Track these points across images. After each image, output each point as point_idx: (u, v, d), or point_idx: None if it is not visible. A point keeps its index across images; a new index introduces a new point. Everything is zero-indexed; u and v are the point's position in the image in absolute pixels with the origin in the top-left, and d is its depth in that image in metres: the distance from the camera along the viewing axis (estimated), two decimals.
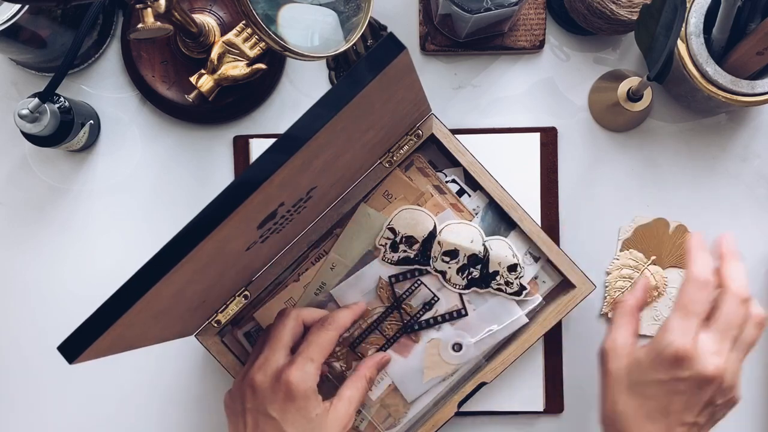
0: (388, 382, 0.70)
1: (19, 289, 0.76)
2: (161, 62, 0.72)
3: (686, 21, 0.65)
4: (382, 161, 0.69)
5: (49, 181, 0.76)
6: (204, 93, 0.69)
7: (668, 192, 0.74)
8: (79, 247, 0.75)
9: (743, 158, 0.74)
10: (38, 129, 0.66)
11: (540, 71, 0.75)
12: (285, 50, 0.58)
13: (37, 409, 0.75)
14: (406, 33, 0.74)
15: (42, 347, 0.74)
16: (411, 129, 0.68)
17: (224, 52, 0.69)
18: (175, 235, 0.44)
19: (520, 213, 0.68)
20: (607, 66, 0.75)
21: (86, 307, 0.47)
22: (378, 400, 0.70)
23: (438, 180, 0.70)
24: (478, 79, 0.75)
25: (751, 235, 0.74)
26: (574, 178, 0.74)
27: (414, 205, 0.70)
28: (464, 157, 0.69)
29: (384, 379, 0.70)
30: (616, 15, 0.66)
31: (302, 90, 0.75)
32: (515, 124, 0.74)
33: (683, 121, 0.75)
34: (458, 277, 0.69)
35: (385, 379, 0.70)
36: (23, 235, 0.76)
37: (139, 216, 0.75)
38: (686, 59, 0.65)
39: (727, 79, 0.65)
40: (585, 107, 0.75)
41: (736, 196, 0.74)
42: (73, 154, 0.75)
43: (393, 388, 0.70)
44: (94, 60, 0.75)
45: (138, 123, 0.75)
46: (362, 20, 0.61)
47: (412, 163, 0.70)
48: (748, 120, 0.75)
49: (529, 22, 0.73)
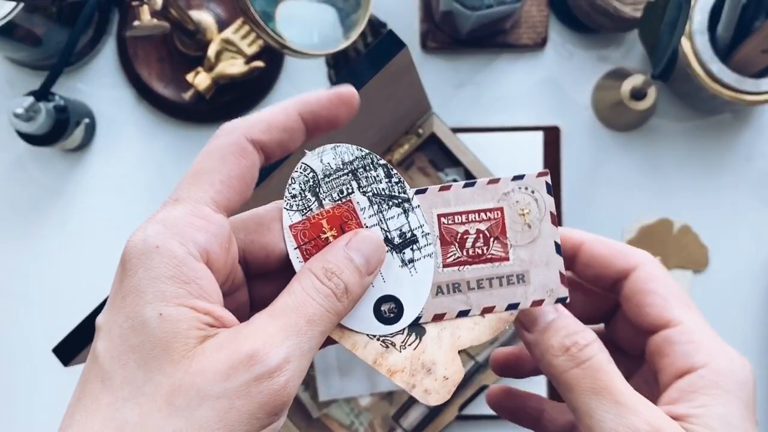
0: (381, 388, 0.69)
1: (13, 289, 0.75)
2: (157, 60, 0.72)
3: (690, 18, 0.64)
4: None
5: (44, 181, 0.75)
6: (201, 91, 0.68)
7: (672, 191, 0.73)
8: (75, 248, 0.75)
9: (748, 157, 0.74)
10: (33, 128, 0.65)
11: (542, 69, 0.74)
12: (283, 48, 0.57)
13: (31, 413, 0.74)
14: (406, 30, 0.73)
15: (36, 349, 0.74)
16: (411, 127, 0.67)
17: (222, 50, 0.68)
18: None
19: None
20: (610, 64, 0.74)
21: (81, 309, 0.47)
22: (369, 406, 0.69)
23: (439, 179, 0.70)
24: (480, 77, 0.74)
25: (756, 234, 0.73)
26: (577, 178, 0.73)
27: None
28: (465, 157, 0.68)
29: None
30: (620, 12, 0.65)
31: (301, 88, 0.74)
32: (517, 123, 0.73)
33: (688, 119, 0.74)
34: None
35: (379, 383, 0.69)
36: (18, 235, 0.75)
37: (134, 216, 0.74)
38: (691, 57, 0.65)
39: (732, 78, 0.64)
40: (588, 106, 0.74)
41: (741, 196, 0.73)
42: (68, 153, 0.75)
43: (381, 397, 0.69)
44: (89, 58, 0.74)
45: (134, 122, 0.75)
46: (362, 17, 0.60)
47: (413, 163, 0.70)
48: (753, 119, 0.74)
49: (532, 19, 0.72)
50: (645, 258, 0.32)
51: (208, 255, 0.28)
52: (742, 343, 0.72)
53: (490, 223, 0.32)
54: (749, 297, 0.72)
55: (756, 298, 0.72)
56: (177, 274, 0.26)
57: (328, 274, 0.29)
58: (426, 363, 0.31)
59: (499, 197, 0.32)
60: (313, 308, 0.28)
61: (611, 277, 0.33)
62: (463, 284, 0.31)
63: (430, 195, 0.31)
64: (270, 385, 0.26)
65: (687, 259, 0.73)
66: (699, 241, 0.73)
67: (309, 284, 0.29)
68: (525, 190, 0.32)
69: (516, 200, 0.31)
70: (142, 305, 0.26)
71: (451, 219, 0.32)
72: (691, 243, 0.73)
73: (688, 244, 0.73)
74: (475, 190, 0.32)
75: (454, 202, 0.32)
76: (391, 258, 0.31)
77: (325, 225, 0.31)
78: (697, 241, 0.73)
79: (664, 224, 0.73)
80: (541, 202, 0.32)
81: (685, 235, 0.73)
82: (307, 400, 0.69)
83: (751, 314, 0.72)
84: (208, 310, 0.27)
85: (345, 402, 0.70)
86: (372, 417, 0.70)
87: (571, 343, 0.30)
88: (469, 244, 0.32)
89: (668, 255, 0.73)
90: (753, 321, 0.72)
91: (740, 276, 0.73)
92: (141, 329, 0.26)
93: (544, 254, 0.32)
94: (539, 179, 0.32)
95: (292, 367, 0.26)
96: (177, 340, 0.26)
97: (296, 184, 0.31)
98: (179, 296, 0.26)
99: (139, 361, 0.25)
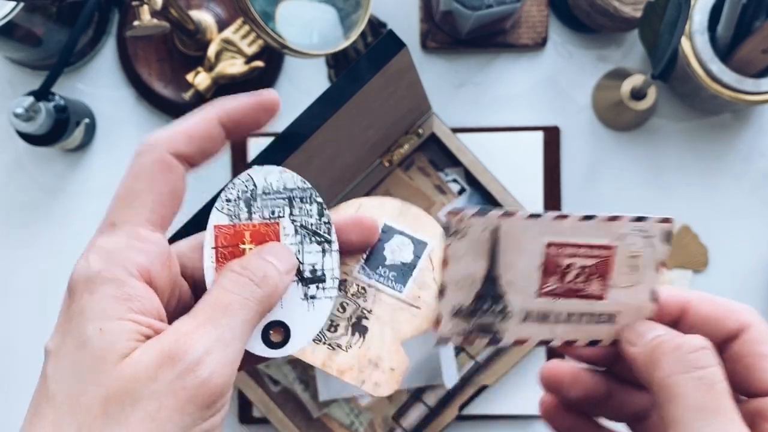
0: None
1: (13, 290, 0.75)
2: (157, 60, 0.72)
3: (690, 18, 0.64)
4: (382, 160, 0.68)
5: (44, 181, 0.75)
6: (201, 91, 0.68)
7: (672, 191, 0.73)
8: (75, 248, 0.74)
9: (748, 158, 0.74)
10: (33, 128, 0.65)
11: (542, 69, 0.74)
12: (283, 48, 0.57)
13: None
14: (406, 30, 0.73)
15: (37, 349, 0.73)
16: (411, 127, 0.67)
17: (222, 50, 0.68)
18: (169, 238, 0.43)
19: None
20: (610, 64, 0.74)
21: None
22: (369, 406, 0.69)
23: (439, 180, 0.70)
24: (480, 77, 0.74)
25: (756, 234, 0.73)
26: (577, 178, 0.73)
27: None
28: (465, 157, 0.68)
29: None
30: (620, 12, 0.65)
31: (301, 88, 0.74)
32: (517, 123, 0.73)
33: (688, 119, 0.74)
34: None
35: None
36: (18, 235, 0.75)
37: None
38: (690, 57, 0.65)
39: (732, 78, 0.64)
40: (588, 106, 0.74)
41: (741, 196, 0.73)
42: (68, 153, 0.75)
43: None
44: (89, 58, 0.74)
45: (134, 122, 0.75)
46: (362, 17, 0.60)
47: (413, 163, 0.70)
48: (753, 119, 0.74)
49: (532, 19, 0.72)
50: (754, 318, 0.30)
51: (149, 274, 0.28)
52: None
53: (598, 260, 0.31)
54: (749, 297, 0.72)
55: (756, 298, 0.72)
56: (119, 294, 0.27)
57: (244, 269, 0.30)
58: (372, 359, 0.32)
59: (615, 236, 0.31)
60: (229, 298, 0.28)
61: (719, 338, 0.30)
62: (552, 316, 0.31)
63: (544, 222, 0.30)
64: (193, 379, 0.26)
65: (687, 259, 0.72)
66: (699, 241, 0.73)
67: (226, 280, 0.29)
68: (643, 233, 0.31)
69: (632, 242, 0.31)
70: (84, 323, 0.27)
71: (560, 249, 0.31)
72: (691, 243, 0.73)
73: (688, 244, 0.73)
74: (592, 224, 0.31)
75: (569, 232, 0.31)
76: (295, 288, 0.32)
77: (247, 237, 0.31)
78: (697, 241, 0.73)
79: None
80: (656, 250, 0.31)
81: (685, 235, 0.73)
82: (307, 400, 0.69)
83: None
84: (150, 323, 0.27)
85: (345, 402, 0.70)
86: (372, 417, 0.70)
87: (683, 347, 0.28)
88: (570, 278, 0.31)
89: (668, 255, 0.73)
90: None
91: (740, 276, 0.73)
92: (83, 346, 0.26)
93: (639, 299, 0.31)
94: (661, 225, 0.31)
95: (215, 359, 0.27)
96: (113, 351, 0.26)
97: (234, 190, 0.32)
98: (120, 312, 0.27)
99: (78, 376, 0.26)
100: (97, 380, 0.26)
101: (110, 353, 0.26)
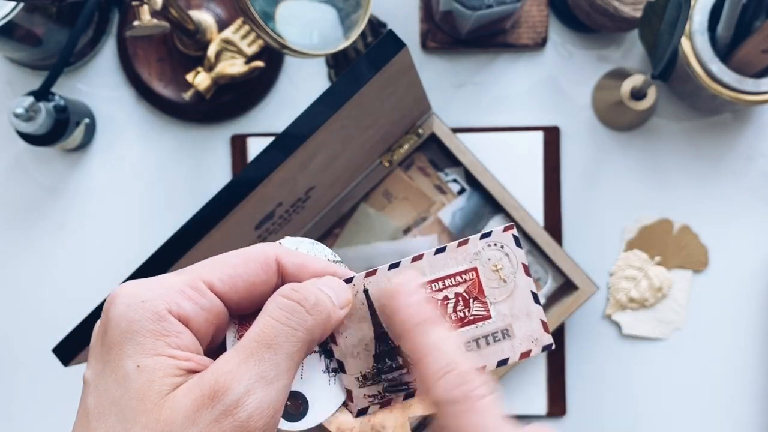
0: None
1: (13, 289, 0.75)
2: (157, 60, 0.72)
3: (690, 18, 0.64)
4: (381, 160, 0.68)
5: (44, 181, 0.75)
6: (201, 91, 0.68)
7: (673, 191, 0.73)
8: (75, 248, 0.75)
9: (748, 157, 0.74)
10: (33, 128, 0.65)
11: (542, 69, 0.74)
12: (283, 48, 0.57)
13: (31, 413, 0.74)
14: (406, 30, 0.73)
15: (36, 349, 0.74)
16: (411, 127, 0.67)
17: (221, 50, 0.68)
18: (171, 236, 0.43)
19: (522, 213, 0.67)
20: (610, 64, 0.74)
21: (81, 309, 0.47)
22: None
23: (439, 179, 0.70)
24: (480, 77, 0.74)
25: (756, 234, 0.73)
26: (577, 178, 0.73)
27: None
28: (465, 157, 0.68)
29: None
30: (620, 12, 0.65)
31: (301, 88, 0.74)
32: (517, 123, 0.73)
33: (688, 119, 0.74)
34: None
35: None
36: (18, 235, 0.75)
37: (134, 216, 0.74)
38: (690, 57, 0.65)
39: (732, 78, 0.64)
40: (588, 106, 0.74)
41: (741, 196, 0.73)
42: (68, 153, 0.75)
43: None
44: (89, 58, 0.74)
45: (134, 122, 0.75)
46: (362, 17, 0.60)
47: (413, 163, 0.70)
48: (753, 119, 0.74)
49: (532, 19, 0.72)
50: None
51: (189, 323, 0.28)
52: (742, 343, 0.72)
53: (467, 284, 0.32)
54: (749, 297, 0.72)
55: (756, 298, 0.72)
56: (157, 329, 0.27)
57: (295, 292, 0.28)
58: (376, 425, 0.32)
59: (471, 258, 0.32)
60: (275, 330, 0.27)
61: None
62: None
63: (405, 267, 0.31)
64: (231, 423, 0.26)
65: (687, 259, 0.72)
66: (699, 241, 0.73)
67: (272, 305, 0.28)
68: (494, 246, 0.32)
69: (488, 258, 0.32)
70: (123, 358, 0.27)
71: (428, 288, 0.31)
72: (691, 243, 0.73)
73: (688, 244, 0.73)
74: (446, 254, 0.32)
75: (429, 270, 0.32)
76: (317, 360, 0.31)
77: None
78: (697, 241, 0.73)
79: (664, 224, 0.73)
80: (512, 256, 0.32)
81: (685, 235, 0.73)
82: None
83: (751, 314, 0.72)
84: (189, 357, 0.27)
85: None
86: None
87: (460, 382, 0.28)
88: (450, 309, 0.32)
89: (668, 255, 0.73)
90: (753, 321, 0.72)
91: (740, 276, 0.73)
92: (122, 382, 0.26)
93: (523, 306, 0.32)
94: (506, 234, 0.32)
95: (255, 399, 0.26)
96: (152, 389, 0.26)
97: None
98: (156, 348, 0.27)
99: (118, 414, 0.26)
100: (136, 419, 0.26)
101: (150, 392, 0.26)
